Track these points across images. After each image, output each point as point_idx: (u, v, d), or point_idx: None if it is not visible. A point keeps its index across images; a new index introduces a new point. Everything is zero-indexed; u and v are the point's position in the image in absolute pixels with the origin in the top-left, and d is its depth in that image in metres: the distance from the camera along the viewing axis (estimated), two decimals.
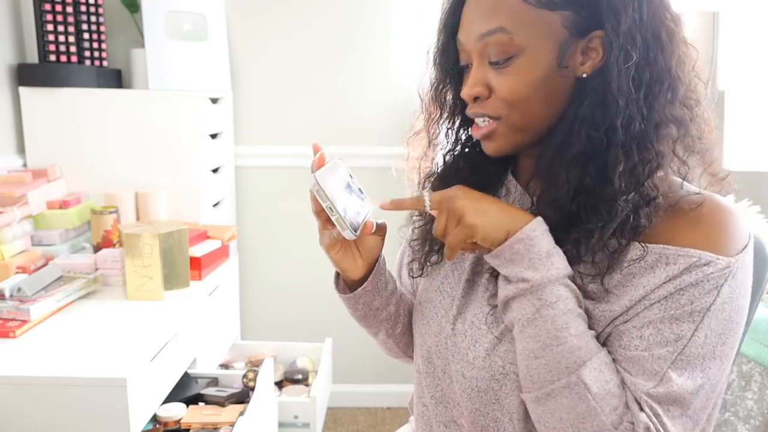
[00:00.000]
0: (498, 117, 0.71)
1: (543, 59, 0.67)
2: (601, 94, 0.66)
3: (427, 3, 2.14)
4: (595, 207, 0.66)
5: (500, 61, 0.68)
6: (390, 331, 0.89)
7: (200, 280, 1.61)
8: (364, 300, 0.83)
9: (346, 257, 0.80)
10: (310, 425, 1.83)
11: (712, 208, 0.67)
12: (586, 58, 0.68)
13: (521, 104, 0.69)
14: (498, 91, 0.70)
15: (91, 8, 1.82)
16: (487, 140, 0.74)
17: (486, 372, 0.73)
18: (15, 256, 1.49)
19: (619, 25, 0.64)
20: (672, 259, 0.65)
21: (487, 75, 0.70)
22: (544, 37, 0.67)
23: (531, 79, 0.68)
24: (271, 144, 2.22)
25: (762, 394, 1.46)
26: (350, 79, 2.19)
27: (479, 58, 0.70)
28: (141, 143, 1.81)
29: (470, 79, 0.71)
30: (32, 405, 1.07)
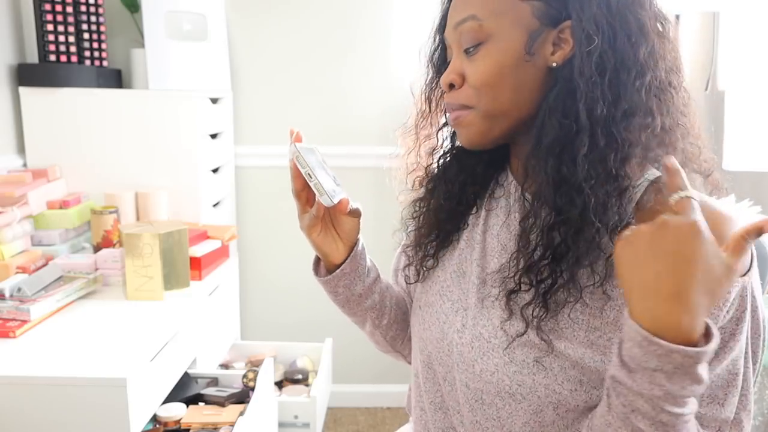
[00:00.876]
0: (470, 106, 0.72)
1: (510, 46, 0.68)
2: (568, 82, 0.66)
3: (426, 3, 2.14)
4: (570, 197, 0.65)
5: (470, 48, 0.70)
6: (376, 321, 0.89)
7: (200, 280, 1.61)
8: (344, 283, 0.84)
9: (327, 239, 0.81)
10: (310, 425, 1.83)
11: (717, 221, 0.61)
12: (557, 48, 0.68)
13: (490, 90, 0.69)
14: (468, 78, 0.71)
15: (91, 8, 1.82)
16: (460, 128, 0.74)
17: (493, 387, 0.71)
18: (15, 256, 1.49)
19: (583, 12, 0.65)
20: None
21: (462, 63, 0.72)
22: (513, 26, 0.68)
23: (499, 65, 0.68)
24: (271, 144, 2.22)
25: (762, 394, 1.46)
26: (350, 79, 2.20)
27: (456, 48, 0.73)
28: (141, 143, 1.81)
29: (448, 68, 0.74)
30: (32, 405, 1.07)
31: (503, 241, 0.76)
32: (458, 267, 0.80)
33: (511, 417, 0.70)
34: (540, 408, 0.68)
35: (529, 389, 0.68)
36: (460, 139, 0.75)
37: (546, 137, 0.67)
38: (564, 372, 0.66)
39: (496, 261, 0.76)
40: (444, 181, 0.82)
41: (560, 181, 0.65)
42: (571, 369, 0.66)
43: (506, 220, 0.77)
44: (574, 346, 0.66)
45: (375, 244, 2.29)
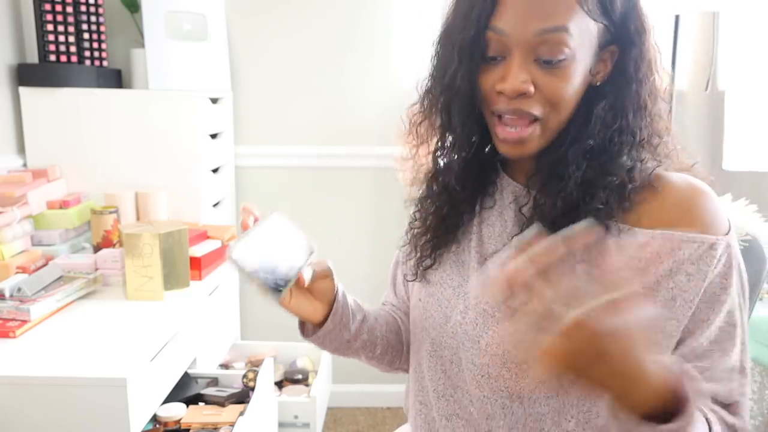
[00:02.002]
0: (537, 117, 0.71)
1: (584, 65, 0.70)
2: (613, 100, 0.71)
3: (426, 3, 2.14)
4: (594, 195, 0.70)
5: (554, 60, 0.68)
6: (369, 354, 0.90)
7: (200, 280, 1.61)
8: (330, 338, 0.84)
9: (302, 305, 0.80)
10: (310, 425, 1.83)
11: (692, 190, 0.71)
12: (598, 69, 0.73)
13: (561, 106, 0.71)
14: (544, 91, 0.69)
15: (91, 8, 1.82)
16: (517, 144, 0.72)
17: (499, 359, 0.74)
18: (15, 256, 1.49)
19: (644, 46, 0.71)
20: (677, 243, 0.69)
21: (532, 71, 0.69)
22: (586, 45, 0.69)
23: (574, 83, 0.70)
24: (271, 144, 2.22)
25: (762, 394, 1.46)
26: (350, 79, 2.20)
27: (525, 53, 0.68)
28: (141, 143, 1.81)
29: (515, 71, 0.68)
30: (32, 405, 1.07)
31: (498, 229, 0.80)
32: (456, 258, 0.83)
33: (519, 386, 0.73)
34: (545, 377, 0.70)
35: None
36: (513, 152, 0.73)
37: (583, 143, 0.71)
38: None
39: (494, 245, 0.79)
40: (443, 188, 0.83)
41: (585, 181, 0.71)
42: None
43: (501, 212, 0.81)
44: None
45: (375, 244, 2.30)
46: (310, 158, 2.24)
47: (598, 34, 0.70)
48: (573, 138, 0.72)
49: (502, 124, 0.72)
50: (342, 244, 2.27)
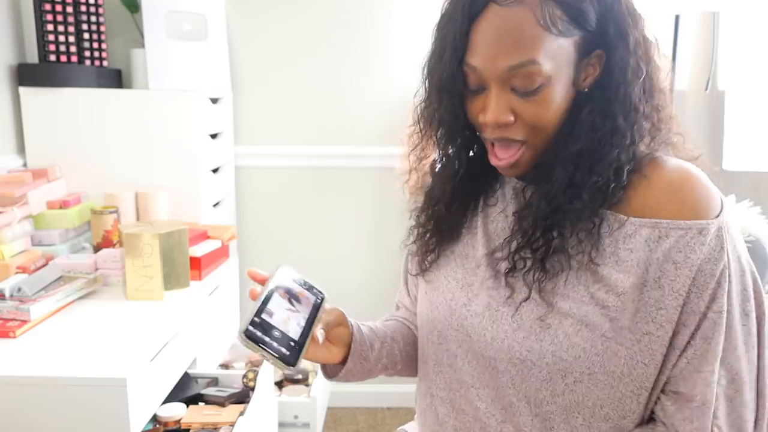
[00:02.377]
0: (523, 140, 0.73)
1: (564, 83, 0.71)
2: (600, 104, 0.72)
3: (425, 3, 2.14)
4: (578, 196, 0.72)
5: (529, 91, 0.70)
6: (391, 372, 0.93)
7: (200, 280, 1.61)
8: (353, 373, 0.87)
9: (318, 355, 0.81)
10: (310, 425, 1.83)
11: (682, 174, 0.72)
12: (586, 74, 0.73)
13: (545, 127, 0.73)
14: (525, 118, 0.72)
15: (91, 8, 1.82)
16: (510, 167, 0.76)
17: (504, 354, 0.75)
18: (15, 256, 1.49)
19: (627, 46, 0.71)
20: (665, 231, 0.69)
21: (511, 101, 0.72)
22: (563, 63, 0.70)
23: (554, 104, 0.71)
24: (271, 144, 2.22)
25: None
26: (350, 79, 2.20)
27: (501, 85, 0.71)
28: (141, 143, 1.81)
29: (494, 104, 0.72)
30: (32, 405, 1.07)
31: (501, 224, 0.82)
32: (461, 251, 0.84)
33: (525, 383, 0.74)
34: (549, 376, 0.72)
35: (538, 355, 0.72)
36: (509, 173, 0.77)
37: (569, 148, 0.72)
38: (568, 338, 0.71)
39: (498, 240, 0.80)
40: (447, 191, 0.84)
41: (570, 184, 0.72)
42: (575, 335, 0.71)
43: (504, 209, 0.83)
44: (577, 304, 0.71)
45: (375, 245, 2.31)
46: (310, 158, 2.24)
47: (576, 48, 0.71)
48: (560, 143, 0.73)
49: (493, 150, 0.76)
50: (342, 244, 2.27)
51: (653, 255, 0.69)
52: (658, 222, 0.69)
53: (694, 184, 0.71)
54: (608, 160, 0.71)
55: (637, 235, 0.70)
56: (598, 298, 0.70)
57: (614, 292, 0.70)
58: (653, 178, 0.72)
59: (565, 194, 0.72)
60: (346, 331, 0.84)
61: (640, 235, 0.70)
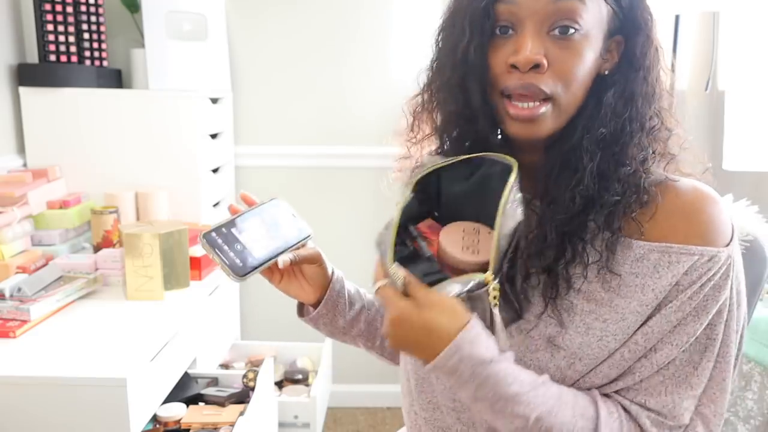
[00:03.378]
0: (550, 96, 0.67)
1: (595, 47, 0.68)
2: (622, 88, 0.69)
3: (425, 3, 2.14)
4: (608, 187, 0.68)
5: (567, 32, 0.65)
6: (368, 344, 0.91)
7: (200, 280, 1.61)
8: (324, 321, 0.86)
9: (291, 286, 0.83)
10: (310, 425, 1.83)
11: (697, 197, 0.68)
12: (606, 56, 0.71)
13: (573, 84, 0.67)
14: (557, 65, 0.66)
15: (91, 8, 1.82)
16: (528, 123, 0.68)
17: None
18: (15, 256, 1.49)
19: (650, 33, 0.69)
20: (675, 257, 0.66)
21: (546, 44, 0.66)
22: (597, 25, 0.67)
23: (586, 62, 0.67)
24: (271, 144, 2.22)
25: (762, 394, 1.46)
26: (350, 79, 2.20)
27: (538, 24, 0.66)
28: (141, 143, 1.81)
29: (527, 43, 0.65)
30: (32, 405, 1.07)
31: None
32: None
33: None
34: None
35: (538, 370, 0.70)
36: (524, 132, 0.69)
37: (595, 133, 0.68)
38: (560, 371, 0.69)
39: None
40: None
41: (600, 172, 0.68)
42: (568, 368, 0.69)
43: None
44: (571, 335, 0.68)
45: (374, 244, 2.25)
46: (310, 158, 2.24)
47: (607, 19, 0.68)
48: (584, 127, 0.69)
49: (513, 103, 0.68)
50: (342, 244, 2.26)
51: (662, 281, 0.66)
52: (669, 247, 0.66)
53: (707, 209, 0.67)
54: (631, 150, 0.68)
55: (645, 260, 0.67)
56: (596, 328, 0.68)
57: (612, 320, 0.68)
58: (665, 202, 0.68)
59: (596, 183, 0.68)
60: (321, 272, 0.83)
61: (648, 260, 0.67)
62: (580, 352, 0.68)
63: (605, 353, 0.68)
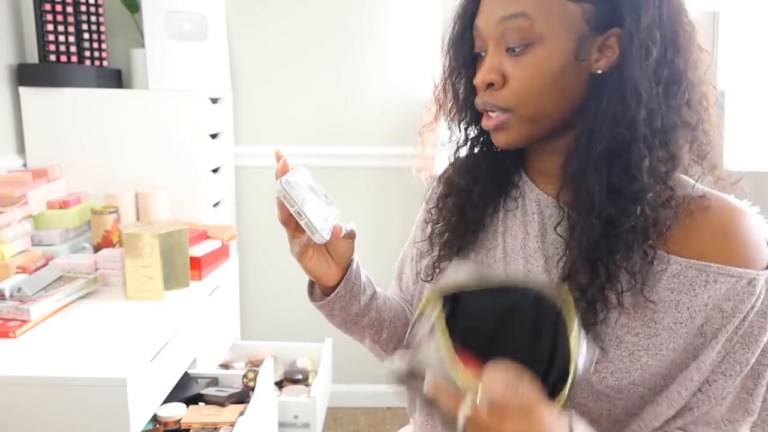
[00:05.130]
0: (508, 109, 0.69)
1: (561, 50, 0.66)
2: (620, 90, 0.65)
3: (425, 3, 2.14)
4: (625, 207, 0.65)
5: (518, 48, 0.67)
6: (375, 337, 0.87)
7: (200, 280, 1.61)
8: (340, 305, 0.82)
9: (320, 264, 0.78)
10: (310, 425, 1.83)
11: (731, 215, 0.66)
12: (602, 56, 0.67)
13: (534, 96, 0.67)
14: (512, 81, 0.68)
15: (91, 8, 1.82)
16: (498, 131, 0.72)
17: None
18: (15, 256, 1.49)
19: (639, 21, 0.64)
20: (713, 277, 0.64)
21: (503, 62, 0.68)
22: (564, 28, 0.66)
23: (547, 70, 0.66)
24: (271, 144, 2.22)
25: None
26: (350, 79, 2.20)
27: (496, 44, 0.69)
28: (141, 143, 1.81)
29: (485, 64, 0.70)
30: (32, 405, 1.07)
31: (520, 241, 0.76)
32: (477, 263, 0.79)
33: None
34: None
35: None
36: (497, 142, 0.73)
37: (597, 146, 0.66)
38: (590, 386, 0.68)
39: (520, 264, 0.75)
40: (462, 184, 0.80)
41: (615, 190, 0.65)
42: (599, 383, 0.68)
43: (523, 219, 0.77)
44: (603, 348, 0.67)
45: (375, 245, 2.30)
46: (310, 158, 2.24)
47: (584, 18, 0.65)
48: (587, 141, 0.67)
49: (486, 115, 0.73)
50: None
51: (698, 300, 0.64)
52: (707, 266, 0.64)
53: (744, 230, 0.65)
54: (643, 163, 0.64)
55: (681, 276, 0.65)
56: (628, 342, 0.67)
57: (645, 335, 0.66)
58: (699, 218, 0.66)
59: (611, 202, 0.65)
60: (350, 248, 0.80)
61: (685, 276, 0.65)
62: (612, 366, 0.67)
63: (637, 367, 0.67)
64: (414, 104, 2.16)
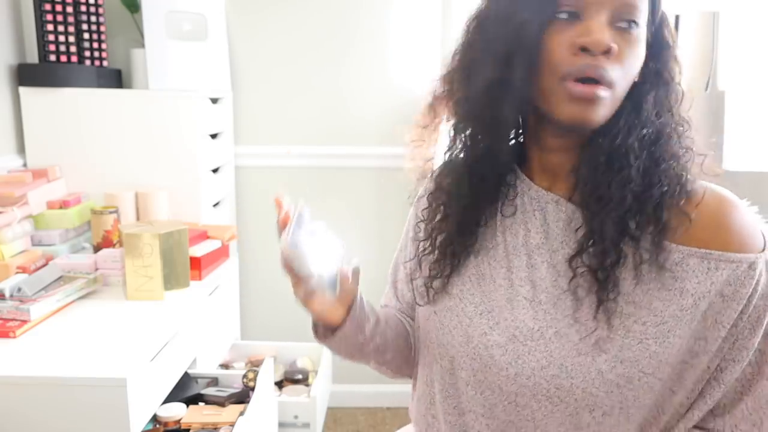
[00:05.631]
0: (612, 84, 0.66)
1: (644, 45, 0.69)
2: (655, 95, 0.70)
3: (425, 3, 2.14)
4: (653, 182, 0.68)
5: (630, 25, 0.66)
6: (380, 359, 0.86)
7: (200, 280, 1.61)
8: (346, 341, 0.80)
9: (326, 306, 0.76)
10: (310, 425, 1.83)
11: (722, 204, 0.69)
12: None
13: (629, 77, 0.68)
14: (621, 55, 0.66)
15: (91, 8, 1.82)
16: (588, 104, 0.66)
17: (528, 390, 0.70)
18: (15, 256, 1.49)
19: (675, 49, 0.71)
20: (714, 264, 0.66)
21: (614, 37, 0.66)
22: (645, 30, 0.69)
23: (640, 58, 0.69)
24: (271, 144, 2.22)
25: None
26: (350, 79, 2.20)
27: (605, 14, 0.65)
28: (141, 143, 1.81)
29: (599, 27, 0.65)
30: (32, 405, 1.07)
31: (521, 239, 0.76)
32: (476, 270, 0.78)
33: (546, 418, 0.71)
34: (576, 410, 0.69)
35: (567, 392, 0.69)
36: (579, 112, 0.67)
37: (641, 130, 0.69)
38: (601, 375, 0.68)
39: (524, 260, 0.75)
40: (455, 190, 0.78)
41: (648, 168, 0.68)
42: (609, 372, 0.68)
43: (523, 217, 0.77)
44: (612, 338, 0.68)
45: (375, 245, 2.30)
46: (310, 158, 2.24)
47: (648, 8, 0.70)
48: (628, 127, 0.68)
49: (575, 82, 0.66)
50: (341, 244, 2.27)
51: (701, 287, 0.66)
52: (709, 253, 0.66)
53: (737, 216, 0.68)
54: (670, 148, 0.69)
55: (684, 264, 0.67)
56: (636, 331, 0.67)
57: (652, 323, 0.67)
58: (694, 209, 0.68)
59: (642, 180, 0.67)
60: (355, 287, 0.77)
61: (687, 264, 0.67)
62: (621, 355, 0.67)
63: (646, 355, 0.67)
64: (414, 104, 2.15)
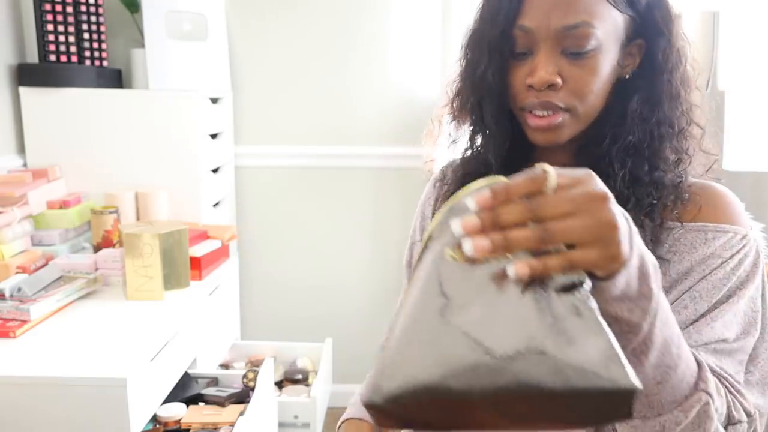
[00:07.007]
0: (567, 109, 0.72)
1: (611, 57, 0.72)
2: (647, 92, 0.73)
3: (426, 5, 2.14)
4: (642, 191, 0.72)
5: (581, 53, 0.70)
6: None
7: (200, 280, 1.61)
8: None
9: None
10: (310, 425, 1.83)
11: (717, 195, 0.74)
12: (626, 62, 0.75)
13: (590, 96, 0.72)
14: (571, 82, 0.71)
15: (91, 8, 1.82)
16: (548, 131, 0.73)
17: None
18: (15, 256, 1.49)
19: (671, 36, 0.73)
20: (711, 235, 0.71)
21: (560, 64, 0.71)
22: (612, 37, 0.71)
23: (601, 75, 0.71)
24: (271, 144, 2.22)
25: None
26: (350, 79, 2.20)
27: (552, 48, 0.71)
28: (141, 143, 1.81)
29: (543, 65, 0.71)
30: (32, 405, 1.07)
31: None
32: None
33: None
34: None
35: None
36: (543, 139, 0.74)
37: (624, 139, 0.73)
38: None
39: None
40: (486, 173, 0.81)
41: (633, 179, 0.72)
42: None
43: None
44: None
45: (374, 244, 2.31)
46: (310, 158, 2.24)
47: (624, 26, 0.72)
48: (612, 135, 0.73)
49: (532, 114, 0.73)
50: (341, 244, 2.27)
51: (697, 254, 0.71)
52: (705, 226, 0.71)
53: (730, 203, 0.74)
54: (664, 153, 0.73)
55: (683, 239, 0.72)
56: None
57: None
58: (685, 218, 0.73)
59: (628, 188, 0.72)
60: None
61: (686, 239, 0.72)
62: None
63: None
64: (414, 104, 2.16)
